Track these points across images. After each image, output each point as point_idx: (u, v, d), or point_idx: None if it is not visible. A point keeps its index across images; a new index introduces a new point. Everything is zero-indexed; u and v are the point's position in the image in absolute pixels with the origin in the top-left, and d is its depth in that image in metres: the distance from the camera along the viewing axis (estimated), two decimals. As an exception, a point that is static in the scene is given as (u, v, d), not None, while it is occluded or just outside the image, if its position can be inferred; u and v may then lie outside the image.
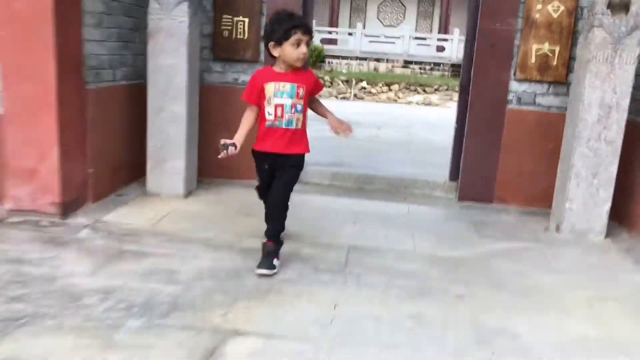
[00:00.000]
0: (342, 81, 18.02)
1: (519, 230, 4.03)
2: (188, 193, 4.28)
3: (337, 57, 21.84)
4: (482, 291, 2.94)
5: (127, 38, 4.26)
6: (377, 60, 22.03)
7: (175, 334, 2.31)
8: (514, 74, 4.41)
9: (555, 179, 4.10)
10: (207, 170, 4.54)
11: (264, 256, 2.96)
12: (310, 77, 3.02)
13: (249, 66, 4.56)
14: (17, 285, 2.64)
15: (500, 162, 4.51)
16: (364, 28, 24.87)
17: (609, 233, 3.89)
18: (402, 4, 28.50)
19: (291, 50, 2.84)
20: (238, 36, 4.51)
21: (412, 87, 18.71)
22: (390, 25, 27.81)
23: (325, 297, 2.74)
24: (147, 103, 4.13)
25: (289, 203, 3.03)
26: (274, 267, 2.92)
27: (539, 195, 4.44)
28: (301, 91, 2.92)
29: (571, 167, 3.83)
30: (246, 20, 4.47)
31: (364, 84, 18.23)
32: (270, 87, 2.89)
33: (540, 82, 4.40)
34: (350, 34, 23.67)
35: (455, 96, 12.69)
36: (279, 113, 2.89)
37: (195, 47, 4.19)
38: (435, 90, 18.53)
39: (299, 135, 2.97)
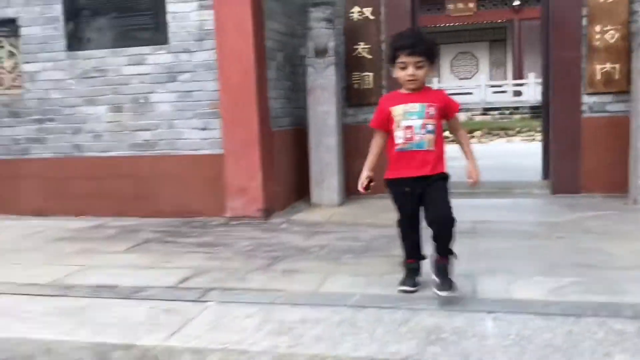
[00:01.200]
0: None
1: (603, 206, 5.16)
2: (341, 203, 5.77)
3: (417, 111, 23.31)
4: (575, 235, 4.14)
5: (289, 96, 5.94)
6: (456, 110, 23.29)
7: (374, 259, 3.70)
8: (585, 89, 5.65)
9: (628, 166, 5.23)
10: (352, 188, 6.02)
11: (442, 277, 2.75)
12: (441, 95, 2.86)
13: (375, 108, 6.08)
14: (268, 248, 4.15)
15: (582, 160, 5.68)
16: (439, 83, 26.38)
17: (678, 201, 4.94)
18: (474, 56, 29.95)
19: (399, 73, 2.77)
20: (365, 87, 6.09)
21: (494, 132, 19.75)
22: (465, 78, 29.19)
23: (463, 247, 4.05)
24: (308, 140, 5.73)
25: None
26: (453, 288, 2.73)
27: (618, 183, 5.52)
28: (431, 110, 2.76)
29: (637, 151, 4.97)
30: (371, 74, 6.05)
31: (446, 133, 19.49)
32: (398, 110, 2.79)
33: (606, 93, 5.61)
34: (427, 89, 25.19)
35: (537, 136, 13.67)
36: (408, 135, 2.76)
37: (339, 97, 5.79)
38: (518, 132, 19.46)
39: (434, 157, 2.79)
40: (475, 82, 25.29)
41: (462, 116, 22.90)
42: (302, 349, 2.34)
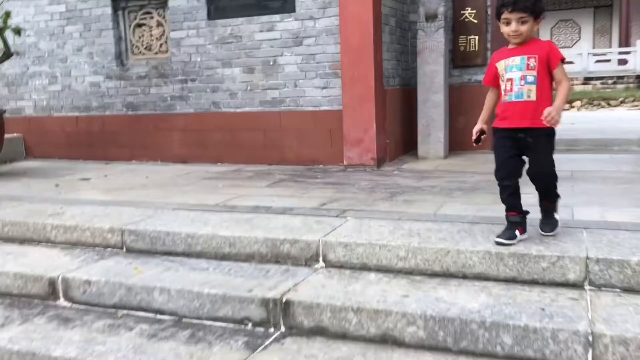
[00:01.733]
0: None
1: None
2: (446, 156, 6.33)
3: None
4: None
5: (399, 58, 6.53)
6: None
7: (482, 195, 4.27)
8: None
9: None
10: (455, 144, 6.55)
11: (546, 218, 3.07)
12: (545, 46, 2.87)
13: (479, 69, 6.55)
14: (386, 186, 4.84)
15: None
16: (539, 51, 25.64)
17: None
18: (576, 24, 28.72)
19: (504, 29, 2.90)
20: (471, 49, 6.55)
21: (596, 102, 19.21)
22: (566, 46, 28.12)
23: (562, 189, 4.53)
24: (417, 97, 6.31)
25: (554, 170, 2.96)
26: (556, 228, 3.06)
27: None
28: (532, 62, 2.83)
29: None
30: (476, 37, 6.51)
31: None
32: (501, 65, 2.94)
33: None
34: (525, 58, 24.65)
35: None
36: (508, 87, 2.89)
37: (447, 58, 6.31)
38: (621, 102, 18.82)
39: (533, 107, 2.83)
40: (576, 51, 24.38)
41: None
42: (431, 245, 3.01)
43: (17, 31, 6.10)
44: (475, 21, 6.50)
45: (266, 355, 2.56)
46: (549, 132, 2.89)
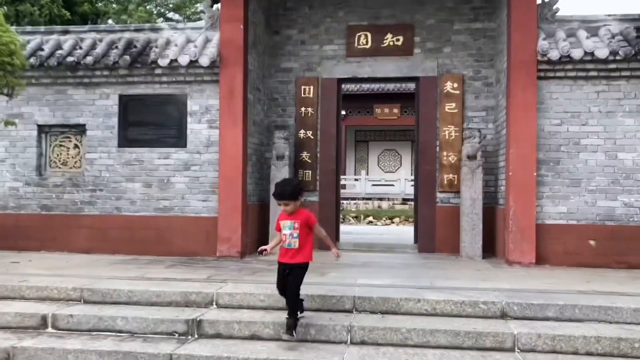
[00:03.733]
0: (352, 217, 23.14)
1: (444, 258, 8.68)
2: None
3: (347, 198, 27.17)
4: (422, 266, 7.57)
5: (258, 183, 9.32)
6: (380, 199, 27.34)
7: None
8: (438, 189, 9.33)
9: (460, 237, 8.82)
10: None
11: (287, 327, 4.80)
12: (303, 214, 4.93)
13: (311, 192, 9.51)
14: (248, 269, 7.35)
15: (435, 232, 9.25)
16: (367, 174, 30.62)
17: (484, 257, 8.54)
18: (398, 153, 34.67)
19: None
20: (306, 179, 9.53)
21: (411, 220, 23.64)
22: (390, 171, 33.67)
23: (355, 270, 7.41)
24: (269, 210, 9.03)
25: (299, 292, 4.95)
26: (293, 335, 4.77)
27: (456, 247, 9.09)
28: (296, 224, 4.86)
29: (461, 229, 8.59)
30: (310, 171, 9.54)
31: (370, 218, 23.33)
32: (281, 223, 4.97)
33: (449, 192, 9.29)
34: (356, 179, 29.35)
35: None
36: (284, 238, 4.92)
37: (290, 185, 9.20)
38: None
39: (296, 251, 4.86)
40: (397, 176, 29.65)
41: (385, 204, 26.95)
42: (276, 294, 5.57)
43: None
44: (309, 161, 9.58)
45: (188, 345, 4.86)
46: (302, 265, 4.95)
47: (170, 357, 4.63)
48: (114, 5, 22.57)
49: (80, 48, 8.88)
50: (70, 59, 8.59)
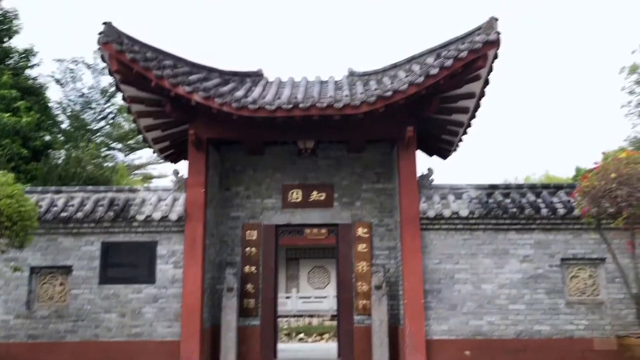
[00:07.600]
0: (285, 334, 25.02)
1: (360, 368, 11.04)
2: (236, 368, 11.12)
3: (280, 316, 29.00)
4: (339, 376, 9.88)
5: (211, 311, 11.53)
6: (311, 316, 29.33)
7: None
8: (355, 312, 11.85)
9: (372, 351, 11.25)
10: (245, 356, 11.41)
11: None
12: None
13: (253, 318, 11.76)
14: (207, 381, 9.41)
15: (354, 346, 11.62)
16: (298, 292, 32.81)
17: (391, 365, 10.97)
18: (327, 270, 37.21)
19: None
20: (250, 307, 11.83)
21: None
22: (319, 288, 35.96)
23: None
24: (220, 333, 11.18)
25: None
26: None
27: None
28: None
29: (375, 347, 11.08)
30: (253, 300, 11.88)
31: (301, 335, 25.27)
32: None
33: (364, 314, 11.84)
34: (287, 297, 31.40)
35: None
36: None
37: (237, 312, 11.47)
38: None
39: None
40: (326, 292, 31.96)
41: (315, 321, 28.92)
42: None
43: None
44: (253, 291, 11.94)
45: None
46: None
47: None
48: (62, 138, 24.51)
49: (72, 205, 11.19)
50: (63, 214, 10.86)
